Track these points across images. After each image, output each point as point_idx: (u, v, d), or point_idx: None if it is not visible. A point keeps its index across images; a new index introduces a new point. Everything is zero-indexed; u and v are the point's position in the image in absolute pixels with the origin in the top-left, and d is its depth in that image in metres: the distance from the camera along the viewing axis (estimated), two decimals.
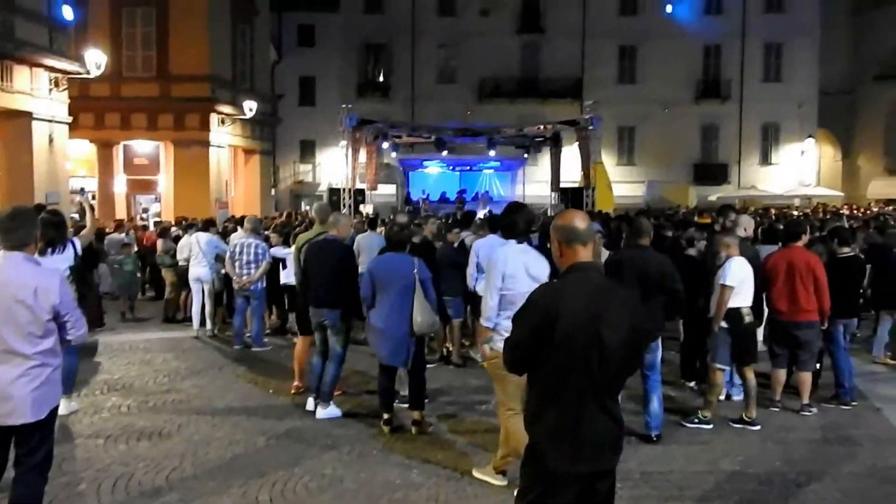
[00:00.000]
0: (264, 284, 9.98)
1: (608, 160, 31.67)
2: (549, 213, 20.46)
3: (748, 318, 6.30)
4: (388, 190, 31.49)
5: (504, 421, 4.85)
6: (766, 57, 35.55)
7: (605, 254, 8.49)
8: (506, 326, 4.81)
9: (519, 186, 29.76)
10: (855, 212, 24.12)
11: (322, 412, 6.59)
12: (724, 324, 6.28)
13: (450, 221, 12.65)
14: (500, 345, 4.82)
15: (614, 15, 35.39)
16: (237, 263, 9.70)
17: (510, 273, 4.76)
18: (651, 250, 5.93)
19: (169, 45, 23.00)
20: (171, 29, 22.97)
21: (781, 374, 6.98)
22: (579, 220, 2.94)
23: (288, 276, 9.95)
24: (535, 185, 29.76)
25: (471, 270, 8.02)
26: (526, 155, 27.49)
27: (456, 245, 9.21)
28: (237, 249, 9.73)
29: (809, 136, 35.10)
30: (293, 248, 8.12)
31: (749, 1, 35.09)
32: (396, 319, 5.97)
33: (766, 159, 35.95)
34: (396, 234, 6.38)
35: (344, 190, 21.80)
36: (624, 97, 34.16)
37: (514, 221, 5.04)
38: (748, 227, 7.34)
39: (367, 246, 10.24)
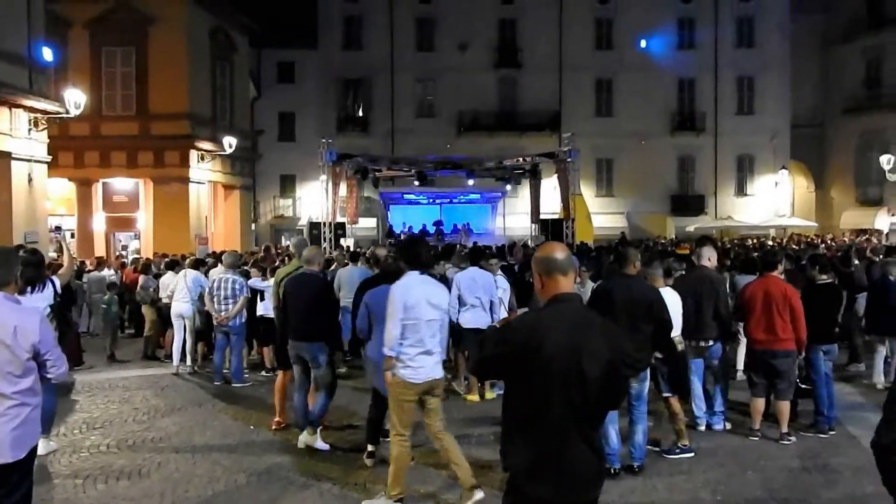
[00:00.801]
0: (243, 320, 9.96)
1: (587, 191, 32.03)
2: (529, 245, 20.71)
3: (680, 347, 6.37)
4: (369, 223, 31.64)
5: (392, 445, 5.05)
6: (739, 90, 36.33)
7: (590, 286, 8.66)
8: (409, 354, 5.01)
9: (499, 218, 29.99)
10: (829, 241, 24.49)
11: (307, 438, 6.59)
12: (657, 354, 6.30)
13: (437, 253, 12.75)
14: (402, 372, 5.02)
15: (590, 49, 36.04)
16: (216, 299, 9.71)
17: (411, 303, 4.97)
18: (639, 279, 5.98)
19: (148, 84, 23.16)
20: (150, 68, 23.15)
21: (760, 402, 7.03)
22: (559, 252, 2.95)
23: (266, 308, 9.96)
24: (515, 216, 29.96)
25: (452, 303, 8.08)
26: (508, 187, 27.75)
27: (437, 277, 9.36)
28: (215, 285, 9.75)
29: (783, 168, 35.74)
30: (272, 282, 8.15)
31: (720, 36, 35.99)
32: None
33: (741, 190, 36.53)
34: (392, 265, 6.46)
35: (324, 224, 21.89)
36: (601, 129, 34.68)
37: (417, 253, 5.22)
38: (711, 258, 7.43)
39: (349, 280, 10.42)
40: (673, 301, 6.26)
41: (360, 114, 36.38)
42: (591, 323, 2.83)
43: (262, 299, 10.16)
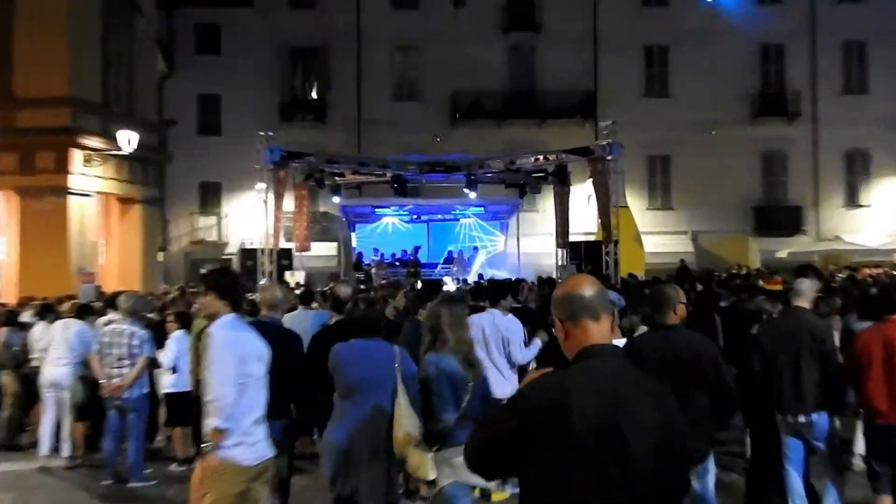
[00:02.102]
0: (145, 390, 9.91)
1: (635, 202, 32.47)
2: (556, 278, 20.87)
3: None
4: (326, 249, 31.89)
5: None
6: (846, 61, 36.84)
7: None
8: (243, 426, 5.16)
9: (511, 241, 30.23)
10: None
11: None
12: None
13: (418, 293, 12.92)
14: (232, 452, 5.14)
15: (636, 4, 36.58)
16: (106, 360, 9.63)
17: (243, 355, 5.23)
18: (682, 330, 6.02)
19: (12, 58, 23.01)
20: (15, 35, 23.03)
21: (886, 501, 6.96)
22: (587, 287, 3.04)
23: (178, 383, 9.95)
24: (534, 238, 30.16)
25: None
26: (524, 197, 27.94)
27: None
28: (106, 340, 9.69)
29: None
30: (191, 336, 8.12)
31: None
32: (370, 435, 6.05)
33: (852, 200, 36.88)
34: (368, 311, 6.57)
35: (262, 251, 21.96)
36: (653, 116, 35.07)
37: (231, 286, 5.54)
38: (812, 296, 7.43)
39: (298, 329, 10.43)
40: None
41: (314, 96, 36.66)
42: (637, 386, 2.89)
43: (176, 371, 10.12)
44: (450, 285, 22.28)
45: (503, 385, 8.62)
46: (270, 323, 6.96)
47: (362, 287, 19.07)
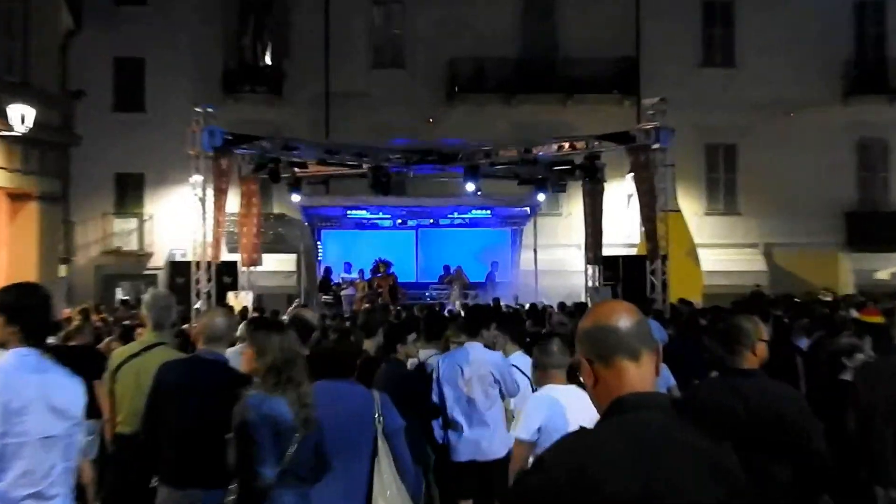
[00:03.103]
0: None
1: (690, 206, 32.50)
2: (587, 301, 20.90)
3: None
4: (282, 263, 32.27)
5: None
6: None
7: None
8: (13, 499, 4.89)
9: (527, 253, 30.39)
10: None
11: None
12: None
13: (399, 322, 12.98)
14: None
15: None
16: None
17: (16, 407, 4.89)
18: (760, 377, 6.01)
19: None
20: None
21: None
22: (622, 316, 3.08)
23: None
24: (556, 250, 30.29)
25: (526, 418, 8.24)
26: (542, 196, 28.07)
27: (412, 365, 9.85)
28: None
29: None
30: (106, 375, 8.10)
31: None
32: None
33: None
34: (339, 344, 6.66)
35: (198, 265, 22.12)
36: (714, 93, 35.24)
37: (29, 303, 5.20)
38: None
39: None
40: (549, 412, 6.72)
41: (268, 61, 36.61)
42: (692, 452, 2.86)
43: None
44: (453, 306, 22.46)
45: (499, 444, 8.86)
46: (212, 360, 6.88)
47: (326, 316, 19.10)
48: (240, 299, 22.79)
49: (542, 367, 6.98)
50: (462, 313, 16.13)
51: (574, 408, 6.49)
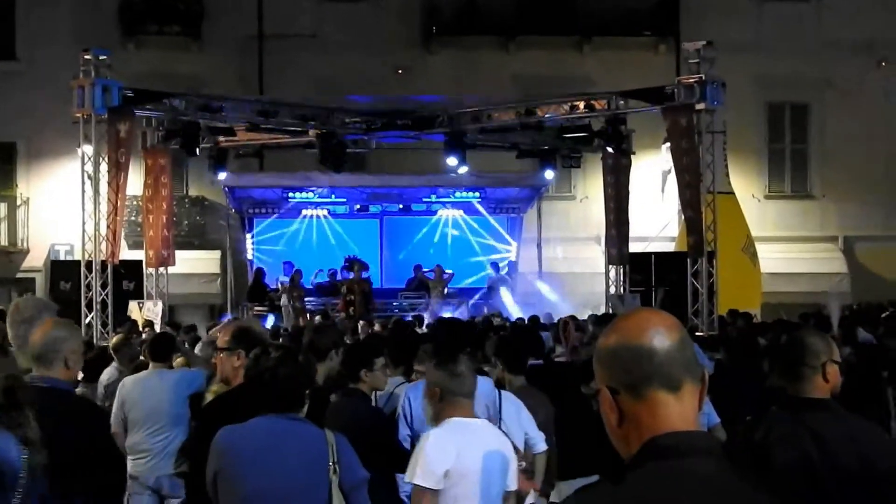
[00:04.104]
0: None
1: (747, 186, 32.54)
2: (611, 311, 21.47)
3: None
4: (200, 264, 32.08)
5: None
6: None
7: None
8: None
9: (529, 249, 30.83)
10: None
11: None
12: None
13: (363, 342, 13.11)
14: None
15: None
16: None
17: None
18: (837, 411, 5.99)
19: None
20: None
21: None
22: (658, 332, 3.08)
23: None
24: (568, 245, 30.38)
25: (427, 461, 8.21)
26: (551, 174, 28.12)
27: (378, 401, 10.05)
28: None
29: None
30: None
31: None
32: None
33: None
34: (283, 368, 6.62)
35: (90, 266, 22.03)
36: (779, 35, 35.19)
37: None
38: None
39: (148, 402, 11.18)
40: (444, 455, 6.99)
41: None
42: None
43: None
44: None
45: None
46: (54, 389, 6.82)
47: (282, 330, 19.13)
48: (145, 311, 22.73)
49: (450, 393, 7.12)
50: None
51: (489, 446, 6.97)
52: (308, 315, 25.54)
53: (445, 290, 28.68)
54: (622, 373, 3.03)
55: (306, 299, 27.68)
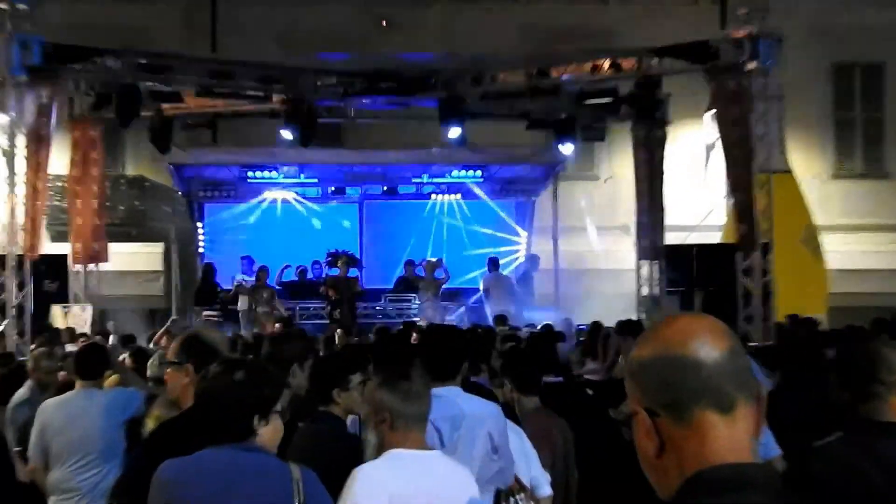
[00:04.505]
0: None
1: (809, 165, 32.72)
2: (644, 317, 21.58)
3: None
4: (140, 260, 32.50)
5: None
6: None
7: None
8: None
9: (542, 241, 31.07)
10: None
11: None
12: None
13: (336, 354, 13.12)
14: None
15: None
16: None
17: None
18: None
19: None
20: None
21: None
22: (706, 341, 3.10)
23: None
24: (590, 236, 30.23)
25: None
26: (570, 148, 28.15)
27: (355, 427, 9.77)
28: None
29: None
30: None
31: None
32: None
33: None
34: (237, 382, 6.64)
35: (4, 261, 22.06)
36: None
37: None
38: None
39: (74, 430, 11.08)
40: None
41: None
42: None
43: None
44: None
45: None
46: None
47: (240, 338, 19.16)
48: (71, 316, 22.68)
49: (403, 419, 7.07)
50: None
51: (441, 488, 6.94)
52: (278, 323, 25.52)
53: (439, 291, 28.56)
54: (662, 390, 3.04)
55: (275, 306, 27.59)
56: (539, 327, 20.91)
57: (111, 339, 20.31)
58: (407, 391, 7.04)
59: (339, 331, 22.36)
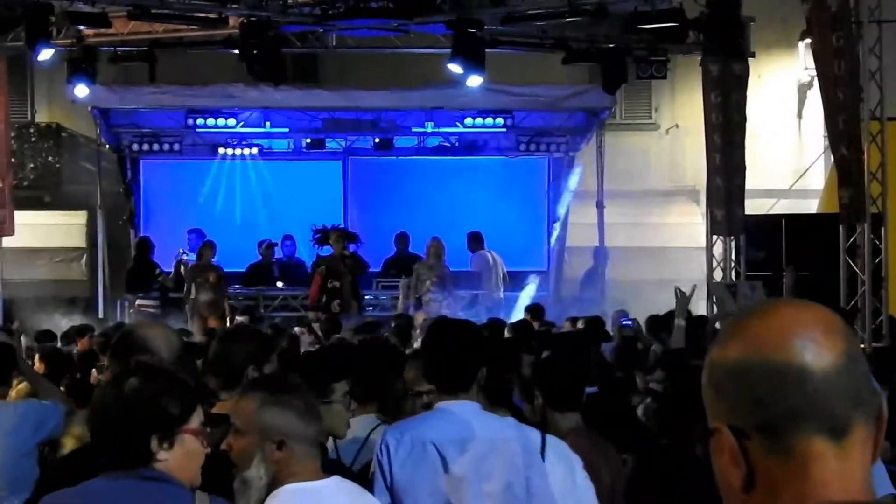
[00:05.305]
0: None
1: None
2: (715, 309, 21.51)
3: None
4: (56, 234, 32.69)
5: None
6: None
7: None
8: None
9: (582, 209, 31.00)
10: None
11: None
12: None
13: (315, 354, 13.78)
14: None
15: None
16: None
17: None
18: None
19: None
20: None
21: None
22: (810, 343, 2.91)
23: None
24: (646, 205, 30.38)
25: None
26: (616, 89, 28.06)
27: (342, 451, 10.03)
28: None
29: None
30: None
31: None
32: None
33: None
34: (133, 398, 6.61)
35: None
36: None
37: None
38: None
39: None
40: None
41: None
42: None
43: None
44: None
45: None
46: None
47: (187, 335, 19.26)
48: None
49: (297, 441, 6.98)
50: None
51: None
52: (229, 315, 25.47)
53: (445, 276, 28.39)
54: (752, 407, 2.87)
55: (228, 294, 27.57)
56: (580, 323, 20.89)
57: (22, 338, 20.29)
58: (303, 408, 6.98)
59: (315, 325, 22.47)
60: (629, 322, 20.21)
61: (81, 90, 27.32)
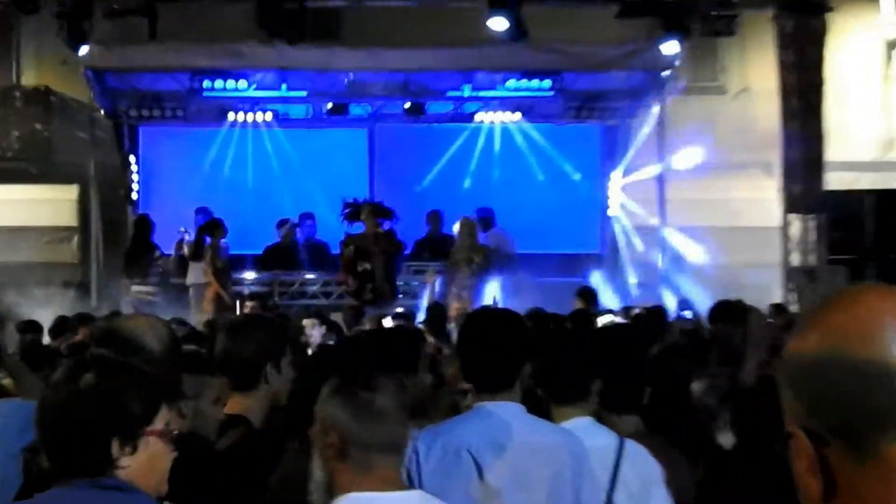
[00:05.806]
0: None
1: None
2: (794, 296, 20.89)
3: None
4: (42, 209, 32.72)
5: None
6: None
7: None
8: None
9: (641, 187, 31.23)
10: None
11: None
12: None
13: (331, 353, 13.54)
14: None
15: None
16: None
17: None
18: None
19: None
20: None
21: None
22: (895, 335, 2.94)
23: None
24: (714, 179, 30.42)
25: None
26: (673, 48, 28.15)
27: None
28: None
29: None
30: None
31: None
32: None
33: None
34: (89, 399, 6.60)
35: None
36: None
37: None
38: None
39: None
40: None
41: None
42: None
43: None
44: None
45: None
46: None
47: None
48: None
49: (357, 445, 6.93)
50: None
51: None
52: (237, 301, 25.51)
53: (484, 265, 28.32)
54: (832, 408, 2.90)
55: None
56: (637, 310, 20.90)
57: (7, 329, 20.33)
58: (365, 404, 6.87)
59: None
60: (687, 314, 20.26)
61: (79, 52, 27.40)
